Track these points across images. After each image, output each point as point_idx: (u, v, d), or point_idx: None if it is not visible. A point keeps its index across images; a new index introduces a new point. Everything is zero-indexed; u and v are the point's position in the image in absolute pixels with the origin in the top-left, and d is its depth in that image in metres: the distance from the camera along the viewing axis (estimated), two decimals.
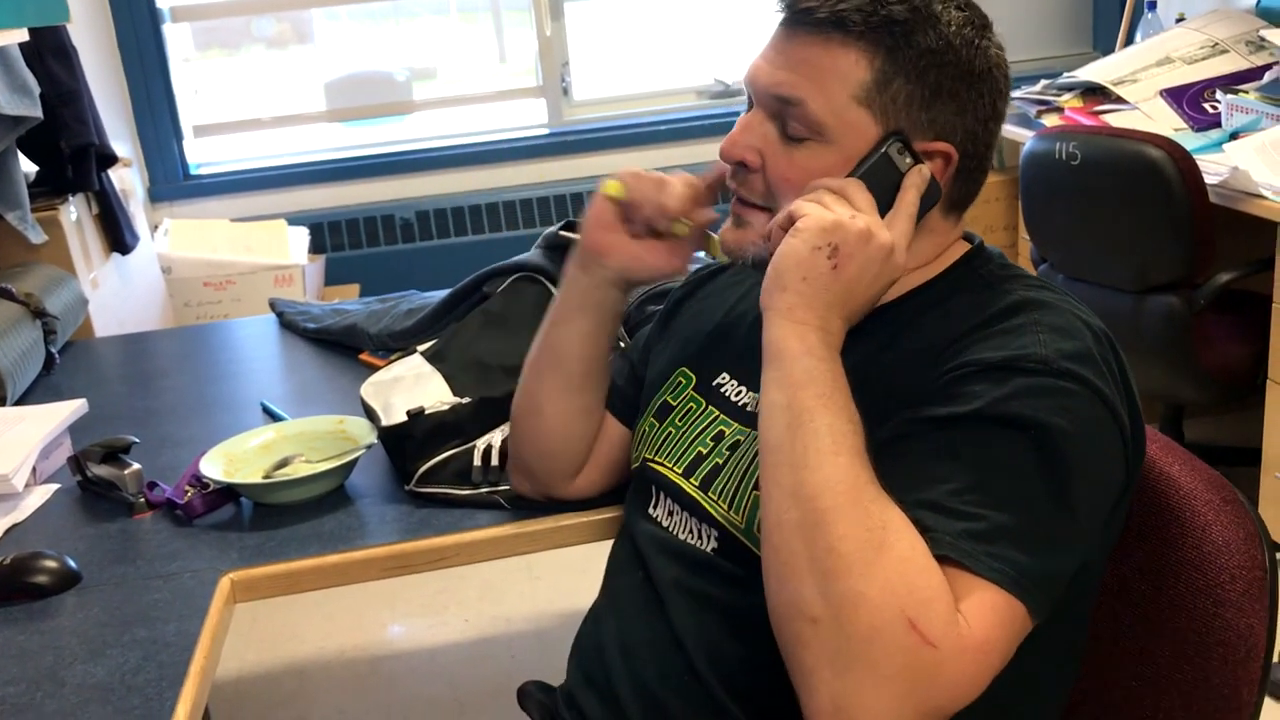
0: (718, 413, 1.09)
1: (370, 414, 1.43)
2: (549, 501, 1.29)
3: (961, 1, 0.99)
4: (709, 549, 1.04)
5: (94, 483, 1.41)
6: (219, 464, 1.38)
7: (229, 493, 1.37)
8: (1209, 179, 2.33)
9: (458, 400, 1.37)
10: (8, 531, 1.35)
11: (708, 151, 3.77)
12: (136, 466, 1.39)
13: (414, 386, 1.43)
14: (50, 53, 2.46)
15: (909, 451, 0.88)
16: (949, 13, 0.97)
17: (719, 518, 1.03)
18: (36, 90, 2.33)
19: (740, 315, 1.15)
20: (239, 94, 3.85)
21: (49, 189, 2.54)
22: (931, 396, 0.90)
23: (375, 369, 1.58)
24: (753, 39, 1.05)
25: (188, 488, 1.37)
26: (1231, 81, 2.84)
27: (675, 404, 1.13)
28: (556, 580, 2.68)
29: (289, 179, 3.66)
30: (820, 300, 0.90)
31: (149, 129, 3.58)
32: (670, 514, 1.09)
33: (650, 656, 1.04)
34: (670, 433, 1.12)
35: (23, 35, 2.04)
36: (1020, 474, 0.85)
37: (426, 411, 1.34)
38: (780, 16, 1.00)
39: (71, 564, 1.23)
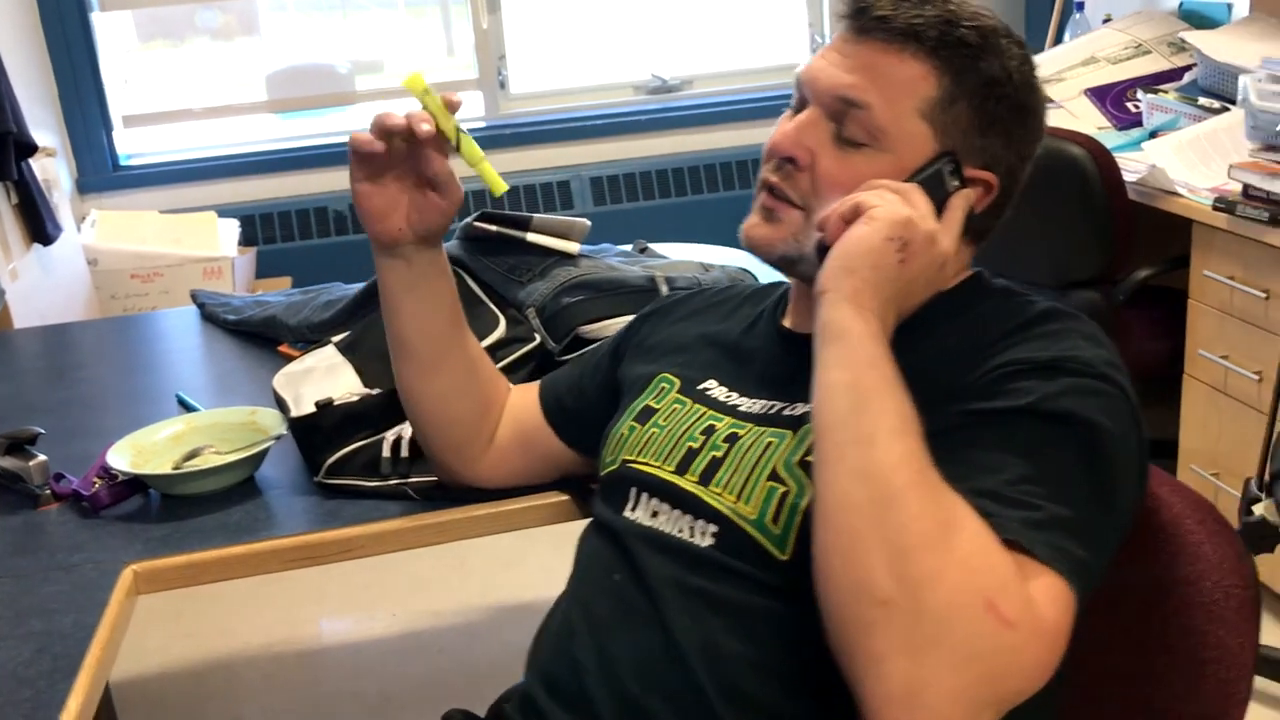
0: (706, 410, 1.07)
1: (281, 405, 1.42)
2: (464, 489, 1.28)
3: (1018, 39, 1.02)
4: (705, 544, 0.99)
5: None
6: (127, 455, 1.37)
7: (138, 484, 1.36)
8: (1128, 177, 2.38)
9: (367, 391, 1.37)
10: None
11: (645, 146, 3.78)
12: (42, 458, 1.37)
13: (325, 378, 1.43)
14: None
15: (961, 443, 0.87)
16: (1011, 48, 1.00)
17: (724, 510, 0.99)
18: None
19: (725, 332, 1.16)
20: (180, 85, 3.80)
21: None
22: (979, 392, 0.91)
23: (293, 360, 1.57)
24: (690, 35, 1.06)
25: (95, 479, 1.35)
26: (1153, 81, 2.89)
27: (659, 406, 1.11)
28: (487, 574, 2.68)
29: (221, 170, 3.62)
30: (884, 291, 0.91)
31: (77, 120, 3.52)
32: (655, 514, 1.04)
33: (633, 658, 0.98)
34: (654, 433, 1.08)
35: None
36: (1071, 469, 0.86)
37: (335, 402, 1.34)
38: (845, 20, 1.02)
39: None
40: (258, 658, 2.50)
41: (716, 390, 1.09)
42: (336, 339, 1.53)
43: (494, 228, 1.59)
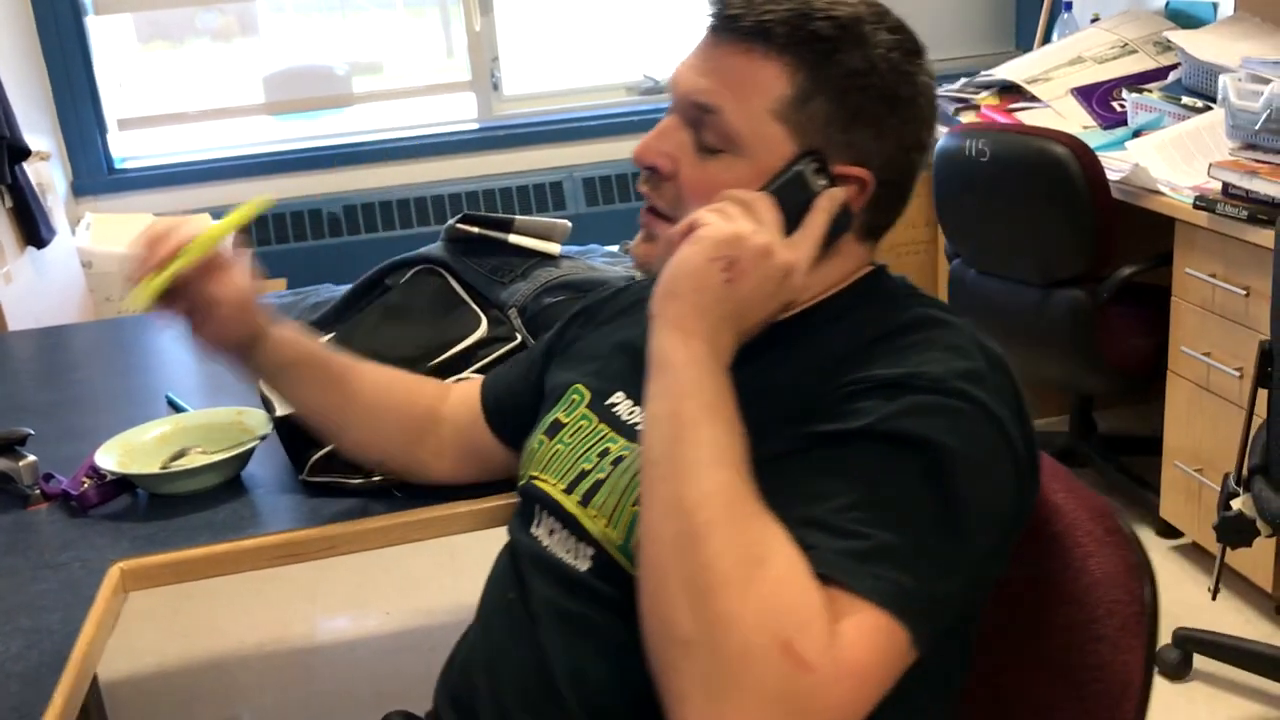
0: (607, 430, 1.05)
1: (267, 405, 1.44)
2: (429, 486, 1.31)
3: (893, 24, 0.96)
4: (584, 568, 0.99)
5: None
6: (115, 455, 1.39)
7: (125, 484, 1.38)
8: (1111, 175, 2.40)
9: None
10: None
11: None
12: (32, 458, 1.40)
13: None
14: None
15: (797, 467, 0.86)
16: (878, 34, 0.94)
17: (596, 534, 0.99)
18: None
19: (639, 338, 1.10)
20: (177, 87, 3.82)
21: None
22: (824, 412, 0.88)
23: None
24: (682, 36, 1.05)
25: (84, 479, 1.38)
26: (1139, 81, 2.92)
27: (567, 421, 1.09)
28: (479, 573, 2.67)
29: (217, 173, 3.64)
30: (712, 313, 0.87)
31: (72, 123, 3.54)
32: (551, 532, 1.05)
33: (512, 677, 1.01)
34: (559, 450, 1.07)
35: None
36: (908, 493, 0.83)
37: None
38: (709, 21, 0.97)
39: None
40: (251, 657, 2.52)
41: (622, 405, 1.07)
42: (323, 340, 1.55)
43: (476, 229, 1.62)
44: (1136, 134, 2.68)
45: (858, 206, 0.96)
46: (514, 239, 1.62)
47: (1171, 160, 2.43)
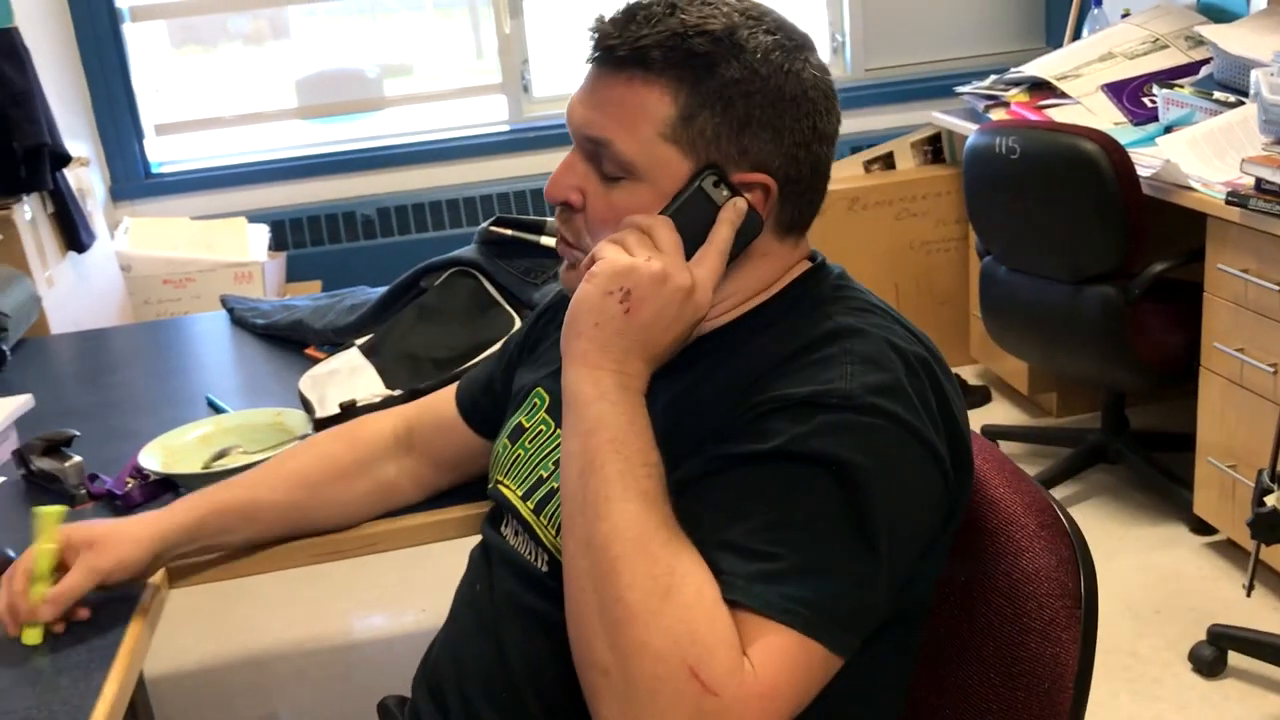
0: None
1: (307, 406, 1.47)
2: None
3: (772, 25, 0.97)
4: (543, 569, 1.03)
5: (36, 475, 1.44)
6: (158, 456, 1.42)
7: (168, 483, 1.41)
8: (1142, 171, 2.39)
9: (389, 392, 1.42)
10: None
11: None
12: (78, 459, 1.43)
13: (349, 379, 1.47)
14: (1, 55, 2.49)
15: (710, 489, 0.88)
16: (755, 38, 0.95)
17: (547, 543, 1.02)
18: None
19: None
20: (211, 91, 3.87)
21: (2, 189, 2.57)
22: (736, 433, 0.89)
23: (318, 363, 1.62)
24: None
25: (128, 479, 1.41)
26: (1170, 76, 2.90)
27: (528, 426, 1.11)
28: None
29: (251, 177, 3.69)
30: (615, 345, 0.90)
31: (110, 129, 3.60)
32: (516, 533, 1.09)
33: (476, 668, 1.05)
34: (519, 454, 1.10)
35: None
36: (819, 511, 0.84)
37: (359, 403, 1.39)
38: (589, 54, 0.98)
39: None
40: (289, 654, 2.55)
41: None
42: (360, 341, 1.58)
43: (509, 232, 1.64)
44: (1168, 130, 2.66)
45: (766, 210, 0.97)
46: (546, 241, 1.64)
47: (1203, 156, 2.42)
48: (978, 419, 3.29)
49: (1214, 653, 2.17)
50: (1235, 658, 2.19)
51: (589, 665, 0.83)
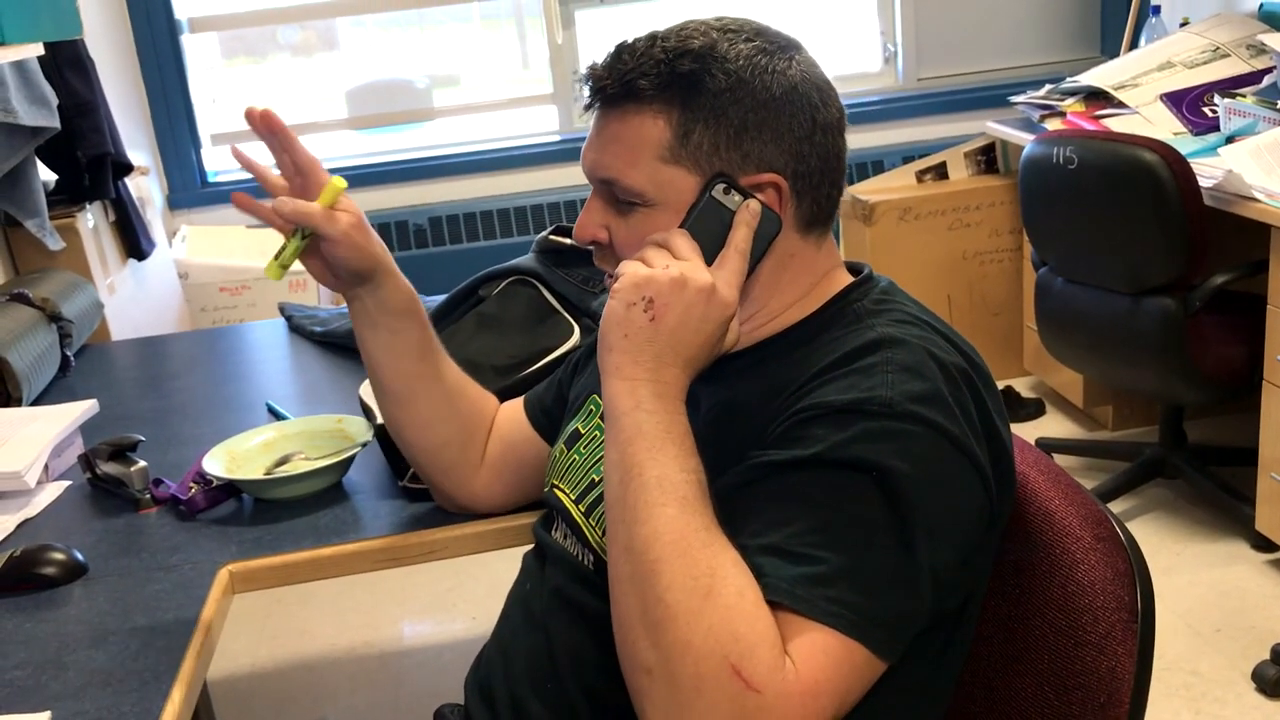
0: None
1: (367, 413, 1.48)
2: (461, 511, 1.32)
3: (751, 33, 1.00)
4: (589, 566, 1.06)
5: (102, 480, 1.46)
6: (221, 461, 1.44)
7: (231, 489, 1.43)
8: (1203, 182, 2.36)
9: None
10: (20, 526, 1.41)
11: None
12: (143, 464, 1.45)
13: None
14: (67, 65, 2.54)
15: (753, 495, 0.90)
16: (735, 48, 0.98)
17: (594, 543, 1.06)
18: (54, 102, 2.40)
19: None
20: (263, 101, 3.90)
21: (67, 197, 2.62)
22: (778, 439, 0.91)
23: None
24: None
25: (191, 484, 1.42)
26: (1231, 85, 2.86)
27: (584, 432, 1.14)
28: None
29: None
30: (646, 353, 0.92)
31: (168, 138, 3.66)
32: (565, 536, 1.12)
33: (524, 662, 1.09)
34: (575, 460, 1.13)
35: (39, 49, 2.10)
36: (861, 517, 0.86)
37: None
38: (586, 101, 1.02)
39: (78, 556, 1.28)
40: (341, 660, 2.57)
41: None
42: None
43: (568, 240, 1.64)
44: (1229, 140, 2.63)
45: (781, 208, 0.99)
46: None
47: (1267, 166, 2.39)
48: (1031, 432, 3.26)
49: (1278, 672, 2.13)
50: None
51: (634, 668, 0.84)
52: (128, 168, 2.74)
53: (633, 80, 0.97)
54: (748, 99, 0.97)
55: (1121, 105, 2.99)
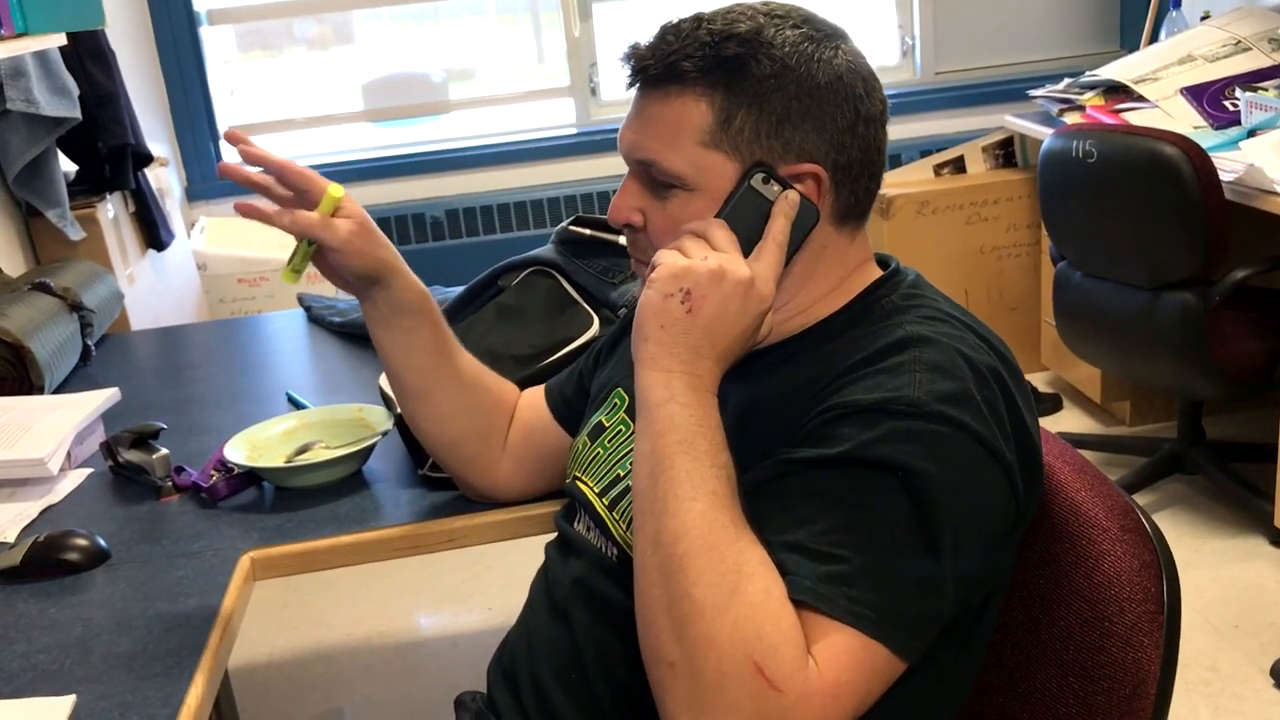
0: None
1: (387, 402, 1.48)
2: (484, 500, 1.33)
3: (798, 20, 0.99)
4: (613, 559, 1.06)
5: (124, 467, 1.47)
6: (243, 449, 1.44)
7: (252, 477, 1.43)
8: (1224, 176, 2.35)
9: None
10: (43, 512, 1.41)
11: None
12: (164, 452, 1.46)
13: None
14: (89, 56, 2.55)
15: (779, 492, 0.89)
16: (782, 34, 0.97)
17: (617, 536, 1.05)
18: (76, 92, 2.41)
19: None
20: (279, 94, 3.93)
21: (87, 188, 2.63)
22: (805, 437, 0.91)
23: None
24: None
25: (213, 472, 1.43)
26: (1253, 79, 2.85)
27: (608, 425, 1.14)
28: None
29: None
30: (682, 345, 0.91)
31: (186, 130, 3.67)
32: (588, 529, 1.12)
33: (547, 651, 1.09)
34: (599, 453, 1.13)
35: (61, 39, 2.11)
36: (886, 516, 0.85)
37: None
38: (628, 80, 1.01)
39: (101, 543, 1.29)
40: (358, 650, 2.58)
41: None
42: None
43: (588, 231, 1.64)
44: (1251, 134, 2.61)
45: (820, 199, 0.98)
46: (624, 240, 1.64)
47: None
48: (1049, 427, 3.24)
49: None
50: None
51: (657, 660, 0.84)
52: (147, 158, 2.75)
53: (676, 61, 0.96)
54: (792, 86, 0.96)
55: (1141, 99, 2.97)
